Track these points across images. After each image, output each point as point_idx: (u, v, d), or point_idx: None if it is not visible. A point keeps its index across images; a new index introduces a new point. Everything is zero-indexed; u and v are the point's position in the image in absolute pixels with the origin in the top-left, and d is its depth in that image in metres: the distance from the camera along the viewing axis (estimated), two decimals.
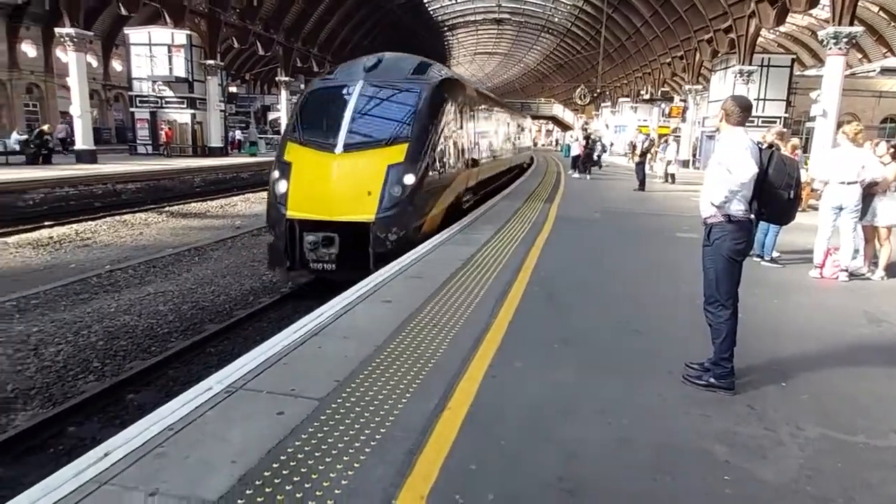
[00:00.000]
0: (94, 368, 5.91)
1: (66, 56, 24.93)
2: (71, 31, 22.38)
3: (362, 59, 9.56)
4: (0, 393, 5.31)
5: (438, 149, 8.64)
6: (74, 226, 13.93)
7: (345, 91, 8.65)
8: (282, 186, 7.78)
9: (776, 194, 3.75)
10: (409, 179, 7.71)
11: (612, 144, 43.41)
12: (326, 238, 7.53)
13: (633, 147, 20.72)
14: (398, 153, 7.86)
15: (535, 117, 54.33)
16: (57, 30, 23.28)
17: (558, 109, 63.53)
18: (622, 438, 3.07)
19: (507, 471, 2.73)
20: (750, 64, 25.63)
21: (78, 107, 23.17)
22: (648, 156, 20.60)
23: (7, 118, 34.29)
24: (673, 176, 21.26)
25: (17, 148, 22.74)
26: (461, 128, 10.38)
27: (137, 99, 30.43)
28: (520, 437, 3.04)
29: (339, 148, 7.87)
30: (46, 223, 13.87)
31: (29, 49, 36.12)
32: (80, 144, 23.79)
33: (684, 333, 4.67)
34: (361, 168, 7.84)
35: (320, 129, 8.31)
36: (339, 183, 7.74)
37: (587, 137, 23.68)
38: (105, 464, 2.65)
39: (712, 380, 3.70)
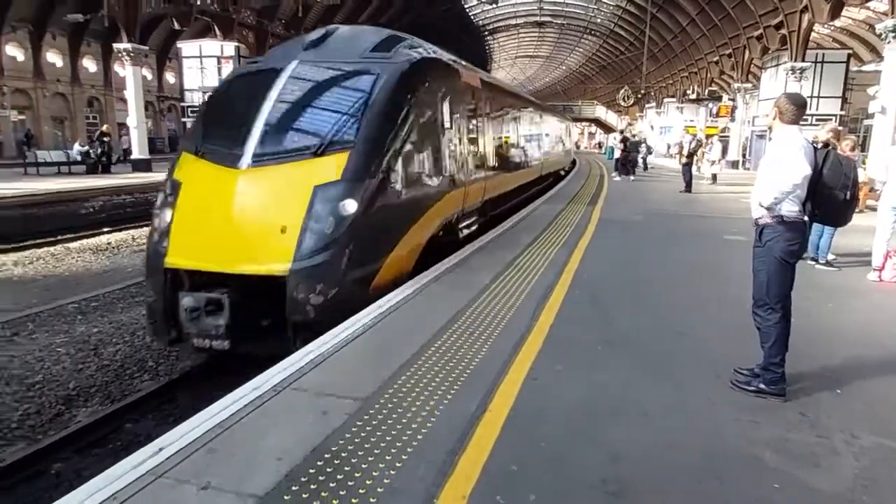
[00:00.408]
0: (149, 368, 6.16)
1: (124, 70, 26.16)
2: (128, 46, 23.46)
3: (309, 35, 6.98)
4: (63, 390, 5.60)
5: (406, 159, 6.01)
6: (131, 231, 14.57)
7: (270, 78, 6.01)
8: (164, 218, 5.32)
9: (831, 195, 3.62)
10: (349, 207, 5.17)
11: (654, 146, 42.53)
12: (211, 302, 4.94)
13: (681, 148, 20.27)
14: (332, 167, 5.31)
15: (577, 119, 53.70)
16: (115, 45, 24.47)
17: (601, 111, 62.70)
18: (667, 442, 3.02)
19: (549, 472, 2.72)
20: (803, 60, 24.74)
21: (134, 118, 24.25)
22: (696, 156, 20.11)
23: (70, 130, 36.14)
24: (714, 176, 20.74)
25: (79, 158, 23.89)
26: (453, 128, 7.52)
27: (189, 109, 31.54)
28: (561, 439, 3.03)
29: (246, 160, 5.35)
30: (105, 229, 14.55)
31: (90, 64, 38.09)
32: (136, 154, 24.87)
33: (732, 337, 4.54)
34: (274, 190, 5.30)
35: (226, 132, 5.77)
36: (240, 214, 5.17)
37: (624, 140, 23.57)
38: (160, 458, 2.77)
39: (762, 385, 3.59)
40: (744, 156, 31.91)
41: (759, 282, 3.68)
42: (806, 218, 3.69)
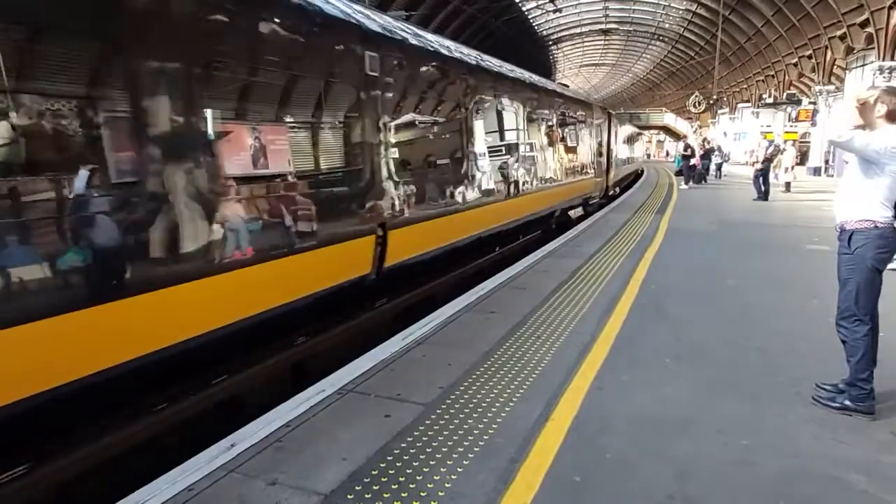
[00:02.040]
0: None
1: None
2: None
3: None
4: None
5: None
6: None
7: None
8: None
9: None
10: None
11: (728, 153, 40.82)
12: None
13: (755, 155, 19.40)
14: None
15: (644, 127, 52.20)
16: None
17: (670, 119, 60.82)
18: (741, 460, 2.87)
19: (613, 484, 2.65)
20: (892, 59, 23.15)
21: None
22: (773, 163, 19.19)
23: None
24: (788, 185, 19.66)
25: None
26: None
27: None
28: (627, 450, 2.93)
29: None
30: None
31: None
32: None
33: (813, 352, 4.27)
34: None
35: None
36: None
37: (686, 147, 23.50)
38: (232, 454, 2.90)
39: (847, 402, 3.35)
40: (826, 162, 30.15)
41: (846, 292, 3.42)
42: None
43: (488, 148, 8.15)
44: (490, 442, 2.99)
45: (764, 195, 16.50)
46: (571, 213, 13.50)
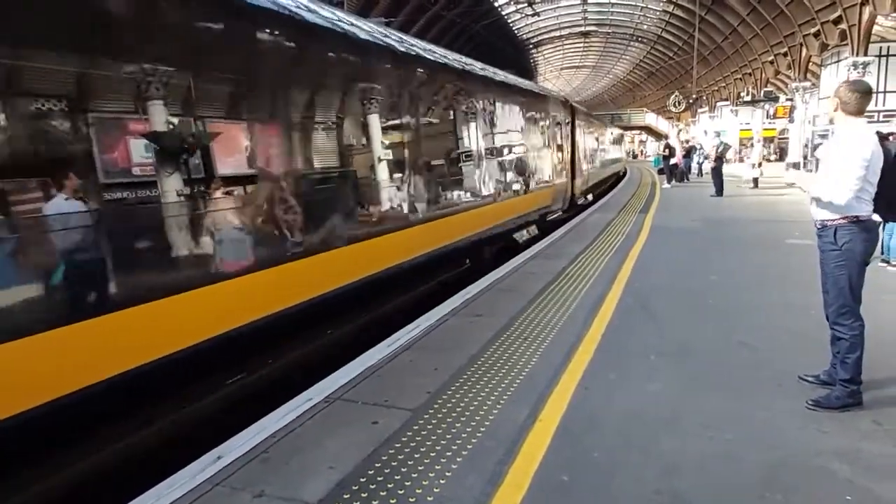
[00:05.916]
0: None
1: None
2: None
3: None
4: None
5: None
6: None
7: None
8: None
9: None
10: None
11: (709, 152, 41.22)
12: None
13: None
14: None
15: (626, 128, 52.67)
16: None
17: (651, 118, 61.44)
18: (727, 453, 2.89)
19: (601, 483, 2.65)
20: (865, 55, 23.57)
21: None
22: (724, 160, 19.56)
23: None
24: (756, 181, 19.89)
25: None
26: None
27: None
28: (614, 449, 2.94)
29: None
30: None
31: None
32: None
33: (795, 345, 4.31)
34: None
35: None
36: None
37: (667, 146, 24.50)
38: (217, 466, 2.86)
39: (850, 400, 3.30)
40: (805, 157, 30.57)
41: (839, 287, 3.35)
42: (875, 217, 3.46)
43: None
44: (478, 445, 2.99)
45: (718, 191, 16.73)
46: None
